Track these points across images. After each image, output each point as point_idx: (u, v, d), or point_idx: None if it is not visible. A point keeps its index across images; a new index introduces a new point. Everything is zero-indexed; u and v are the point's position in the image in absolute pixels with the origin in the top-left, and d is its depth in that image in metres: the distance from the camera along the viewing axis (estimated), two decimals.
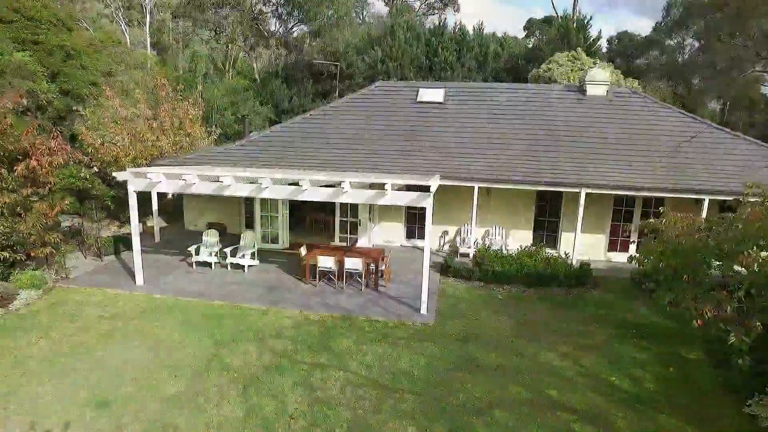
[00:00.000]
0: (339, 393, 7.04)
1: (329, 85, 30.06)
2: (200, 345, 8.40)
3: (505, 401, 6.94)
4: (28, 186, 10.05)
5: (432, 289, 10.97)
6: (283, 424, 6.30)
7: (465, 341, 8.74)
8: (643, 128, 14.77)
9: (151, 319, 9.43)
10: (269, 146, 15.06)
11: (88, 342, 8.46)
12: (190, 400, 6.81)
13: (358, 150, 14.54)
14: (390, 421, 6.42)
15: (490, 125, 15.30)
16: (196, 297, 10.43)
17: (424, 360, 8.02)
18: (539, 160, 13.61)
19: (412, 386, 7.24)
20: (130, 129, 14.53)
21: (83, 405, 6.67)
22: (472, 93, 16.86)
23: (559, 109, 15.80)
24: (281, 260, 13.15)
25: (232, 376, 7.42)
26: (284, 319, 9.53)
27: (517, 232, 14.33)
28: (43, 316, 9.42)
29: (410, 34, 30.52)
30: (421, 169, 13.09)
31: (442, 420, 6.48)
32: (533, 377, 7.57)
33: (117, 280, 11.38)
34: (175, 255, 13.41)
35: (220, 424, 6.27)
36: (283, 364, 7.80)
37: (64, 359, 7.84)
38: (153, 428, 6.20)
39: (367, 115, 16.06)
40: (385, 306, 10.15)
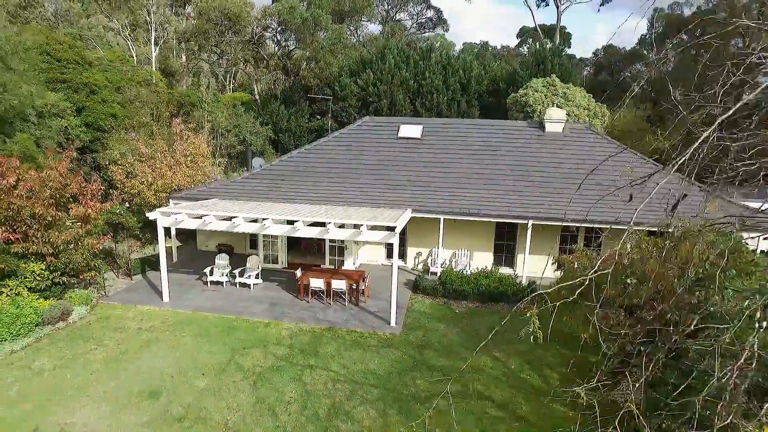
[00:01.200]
0: (323, 386, 9.81)
1: (325, 105, 32.76)
2: (219, 351, 11.17)
3: (443, 393, 9.69)
4: (81, 225, 12.79)
5: (403, 304, 13.76)
6: (282, 408, 9.06)
7: (421, 348, 11.50)
8: (592, 163, 17.48)
9: (179, 330, 12.20)
10: (270, 180, 17.79)
11: (133, 349, 11.23)
12: (214, 391, 9.58)
13: (346, 183, 17.28)
14: (358, 406, 9.18)
15: (458, 160, 18.04)
16: (212, 312, 13.19)
17: (388, 362, 10.79)
18: (498, 192, 16.35)
19: (376, 382, 10.01)
20: (151, 165, 17.28)
21: (139, 395, 9.43)
22: (446, 129, 19.61)
23: (520, 144, 18.55)
24: (281, 279, 15.92)
25: (244, 375, 10.19)
26: (283, 330, 12.30)
27: (480, 253, 17.07)
28: (95, 329, 12.19)
29: (400, 57, 33.21)
30: (398, 202, 15.83)
31: (395, 406, 9.23)
32: (468, 376, 10.31)
33: (147, 297, 14.15)
34: (191, 274, 16.17)
35: (238, 407, 9.04)
36: (282, 365, 10.56)
37: (118, 362, 10.60)
38: (190, 410, 8.96)
39: (355, 150, 18.81)
40: (363, 319, 12.92)
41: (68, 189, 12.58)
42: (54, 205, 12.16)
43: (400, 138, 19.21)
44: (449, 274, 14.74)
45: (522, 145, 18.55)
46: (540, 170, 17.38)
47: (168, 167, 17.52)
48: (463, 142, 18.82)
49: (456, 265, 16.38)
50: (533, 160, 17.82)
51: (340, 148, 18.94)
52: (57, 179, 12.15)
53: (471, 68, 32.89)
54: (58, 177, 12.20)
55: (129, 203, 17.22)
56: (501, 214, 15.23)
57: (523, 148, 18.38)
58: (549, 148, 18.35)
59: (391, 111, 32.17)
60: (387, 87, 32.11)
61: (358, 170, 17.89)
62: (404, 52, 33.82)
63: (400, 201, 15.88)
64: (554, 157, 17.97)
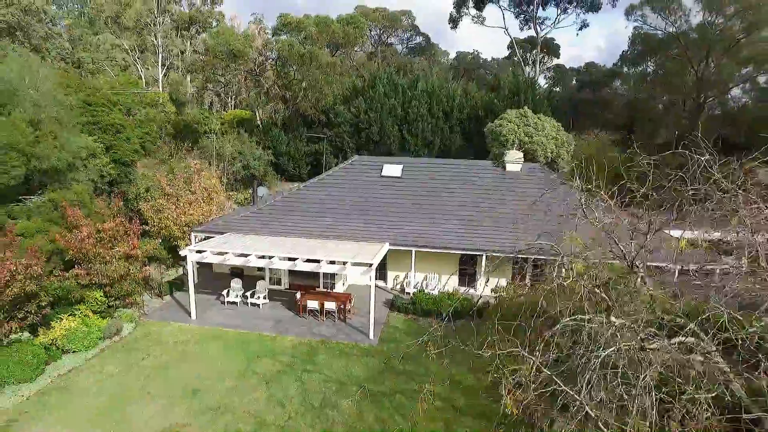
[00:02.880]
0: (317, 385, 13.72)
1: (321, 131, 36.61)
2: (238, 360, 15.07)
3: (404, 391, 13.60)
4: (128, 261, 16.68)
5: (381, 320, 17.68)
6: (287, 401, 12.97)
7: (391, 357, 15.41)
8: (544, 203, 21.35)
9: (206, 343, 16.10)
10: (274, 215, 21.61)
11: (173, 358, 15.13)
12: (237, 390, 13.48)
13: (337, 218, 21.15)
14: (342, 399, 13.09)
15: (432, 197, 21.94)
16: (230, 328, 17.10)
17: (365, 368, 14.71)
18: (461, 226, 20.24)
19: (356, 382, 13.92)
20: (175, 203, 21.12)
21: (183, 393, 13.34)
22: (422, 168, 23.51)
23: (484, 182, 22.44)
24: (284, 298, 19.84)
25: (258, 378, 14.09)
26: (287, 342, 16.21)
27: (448, 276, 20.98)
28: (142, 342, 16.09)
29: (389, 86, 37.06)
30: (379, 235, 19.71)
31: (369, 399, 13.15)
32: (423, 378, 14.21)
33: (177, 315, 18.06)
34: (210, 294, 20.08)
35: (255, 401, 12.95)
36: (287, 370, 14.48)
37: (164, 368, 14.50)
38: (222, 403, 12.86)
39: (344, 188, 22.69)
40: (348, 333, 16.84)
41: (119, 234, 16.45)
42: (110, 247, 16.05)
43: (383, 176, 23.10)
44: (419, 296, 18.66)
45: (486, 183, 22.44)
46: (500, 204, 21.26)
47: (189, 203, 21.38)
48: (437, 180, 22.71)
49: (427, 287, 20.31)
50: (495, 197, 21.70)
51: (332, 187, 22.82)
52: (113, 229, 16.03)
53: (454, 97, 36.77)
54: (113, 226, 16.09)
55: (158, 235, 21.07)
56: (461, 248, 19.15)
57: (486, 186, 22.27)
58: (509, 186, 22.27)
59: (380, 137, 36.05)
60: (377, 115, 35.99)
61: (347, 207, 21.76)
62: (393, 80, 37.69)
63: (380, 235, 19.76)
64: (513, 193, 21.86)
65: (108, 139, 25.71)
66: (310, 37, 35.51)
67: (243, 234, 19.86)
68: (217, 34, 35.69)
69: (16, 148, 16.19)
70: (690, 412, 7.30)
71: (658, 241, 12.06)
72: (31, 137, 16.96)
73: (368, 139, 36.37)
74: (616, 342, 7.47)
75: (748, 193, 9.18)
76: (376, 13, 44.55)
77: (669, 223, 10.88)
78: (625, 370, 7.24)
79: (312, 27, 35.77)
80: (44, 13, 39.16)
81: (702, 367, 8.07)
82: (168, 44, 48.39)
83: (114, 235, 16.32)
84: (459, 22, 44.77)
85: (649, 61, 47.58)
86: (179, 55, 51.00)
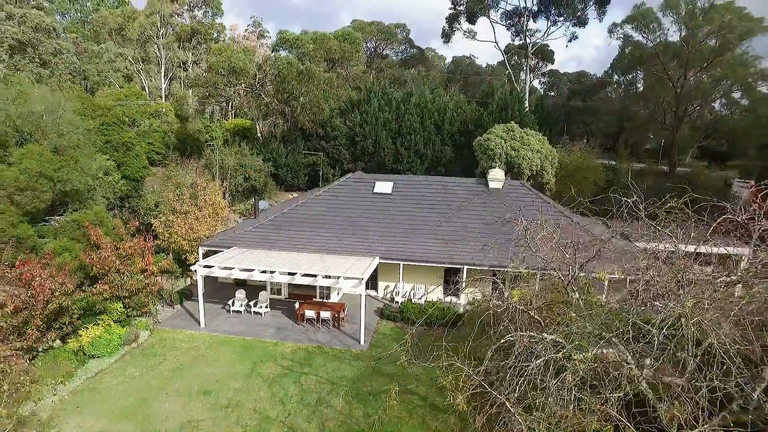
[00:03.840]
0: (313, 386, 15.88)
1: (317, 144, 38.73)
2: (244, 363, 17.22)
3: (388, 391, 15.74)
4: (146, 275, 18.82)
5: (371, 327, 19.83)
6: (287, 400, 15.13)
7: (379, 360, 17.55)
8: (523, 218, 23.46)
9: (215, 349, 18.26)
10: (274, 229, 23.73)
11: (187, 362, 17.28)
12: (244, 390, 15.64)
13: (333, 232, 23.28)
14: (335, 398, 15.24)
15: (420, 212, 24.08)
16: (236, 335, 19.25)
17: (356, 370, 16.87)
18: (445, 241, 22.37)
19: (346, 382, 16.07)
20: (184, 219, 23.24)
21: (197, 392, 15.49)
22: (412, 185, 25.65)
23: (469, 198, 24.56)
24: (283, 307, 21.99)
25: (262, 379, 16.24)
26: (286, 348, 18.36)
27: (434, 286, 23.13)
28: (158, 348, 18.24)
29: (383, 100, 39.16)
30: (370, 250, 21.82)
31: (358, 397, 15.30)
32: (404, 379, 16.36)
33: (188, 323, 20.21)
34: (216, 303, 22.22)
35: (260, 399, 15.10)
36: (287, 372, 16.63)
37: (179, 371, 16.65)
38: (232, 401, 15.01)
39: (339, 204, 24.83)
40: (342, 340, 19.00)
41: (136, 252, 18.59)
42: (129, 264, 18.19)
43: (375, 193, 25.23)
44: (406, 305, 20.81)
45: (470, 199, 24.57)
46: (482, 219, 23.38)
47: (196, 219, 23.50)
48: (425, 197, 24.85)
49: (414, 296, 22.47)
50: (478, 212, 23.82)
51: (327, 203, 24.96)
52: (132, 247, 18.18)
53: (445, 110, 38.87)
54: (132, 245, 18.23)
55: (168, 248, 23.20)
56: (445, 261, 21.29)
57: (470, 202, 24.39)
58: (490, 203, 24.39)
59: (375, 149, 38.15)
60: (372, 128, 38.09)
61: (341, 222, 23.90)
62: (387, 94, 39.79)
63: (372, 249, 21.88)
64: (494, 209, 23.97)
65: (119, 156, 27.82)
66: (308, 53, 37.59)
67: (246, 248, 21.99)
68: (220, 51, 37.76)
69: (45, 175, 18.32)
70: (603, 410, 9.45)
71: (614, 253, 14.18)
72: (56, 164, 19.08)
73: (363, 151, 38.48)
74: (546, 354, 9.62)
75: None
76: (371, 27, 46.60)
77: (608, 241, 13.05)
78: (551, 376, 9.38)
79: (310, 44, 37.84)
80: (53, 30, 41.17)
81: (617, 372, 10.21)
82: (171, 56, 50.46)
83: (132, 252, 18.46)
84: (452, 36, 46.80)
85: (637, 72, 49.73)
86: (182, 65, 53.12)
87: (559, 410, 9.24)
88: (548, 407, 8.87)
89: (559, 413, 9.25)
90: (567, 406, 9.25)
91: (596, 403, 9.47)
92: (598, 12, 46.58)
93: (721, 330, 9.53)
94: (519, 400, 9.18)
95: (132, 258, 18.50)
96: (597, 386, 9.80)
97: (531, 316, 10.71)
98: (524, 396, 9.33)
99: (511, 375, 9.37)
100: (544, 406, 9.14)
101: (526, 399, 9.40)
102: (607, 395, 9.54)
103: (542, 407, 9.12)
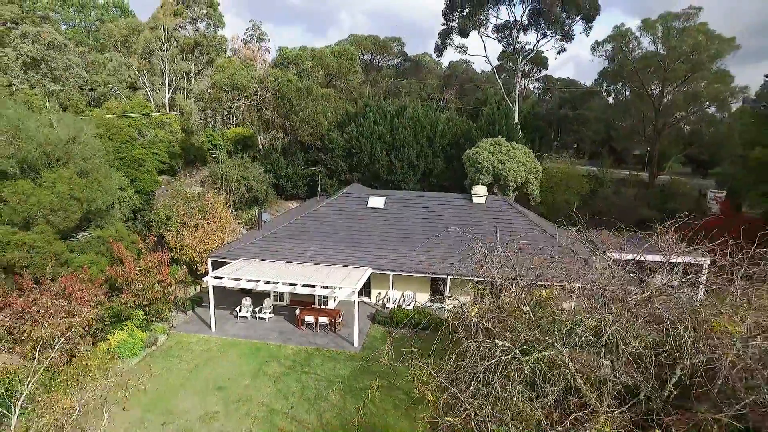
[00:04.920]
0: (312, 383, 18.52)
1: (316, 156, 41.34)
2: (251, 364, 19.84)
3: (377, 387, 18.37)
4: (161, 286, 21.42)
5: (364, 331, 22.46)
6: (290, 395, 17.76)
7: (370, 360, 20.18)
8: (503, 228, 26.12)
9: (225, 351, 20.88)
10: (277, 241, 26.32)
11: (201, 363, 19.90)
12: (253, 386, 18.27)
13: (329, 244, 25.88)
14: (330, 392, 17.88)
15: (409, 226, 26.69)
16: (243, 338, 21.86)
17: (349, 369, 19.50)
18: (433, 252, 24.98)
19: (341, 380, 18.71)
20: (194, 233, 25.84)
21: (212, 388, 18.12)
22: (402, 200, 28.25)
23: (454, 213, 27.17)
24: (285, 313, 24.62)
25: (268, 377, 18.87)
26: (288, 350, 21.00)
27: (421, 293, 25.75)
28: (175, 350, 20.86)
29: (378, 114, 41.74)
30: (363, 261, 24.41)
31: (350, 392, 17.94)
32: (390, 377, 18.97)
33: (200, 327, 22.83)
34: (224, 309, 24.83)
35: (266, 394, 17.74)
36: (289, 372, 19.26)
37: (195, 370, 19.27)
38: (243, 396, 17.64)
39: (336, 218, 27.43)
40: (338, 342, 21.63)
41: (155, 265, 21.22)
42: (149, 276, 20.82)
43: (368, 208, 27.84)
44: (396, 311, 23.43)
45: (455, 213, 27.19)
46: (465, 233, 25.95)
47: (205, 233, 26.11)
48: (414, 211, 27.46)
49: (404, 302, 25.09)
50: (463, 225, 26.40)
51: (325, 217, 27.56)
52: (151, 261, 20.80)
53: (436, 124, 41.48)
54: (151, 260, 20.86)
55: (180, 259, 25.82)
56: (431, 271, 23.92)
57: (455, 216, 27.02)
58: (474, 216, 27.01)
59: (370, 160, 40.75)
60: (367, 141, 40.69)
61: (337, 235, 26.51)
62: (382, 108, 42.37)
63: (365, 260, 24.49)
64: (477, 223, 26.60)
65: (132, 172, 30.42)
66: (307, 70, 40.17)
67: (252, 259, 24.59)
68: (223, 67, 40.32)
69: (74, 197, 20.90)
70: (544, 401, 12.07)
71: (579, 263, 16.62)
72: (83, 186, 21.66)
73: (359, 163, 41.08)
74: (497, 357, 12.24)
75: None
76: (367, 41, 49.08)
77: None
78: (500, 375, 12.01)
79: (308, 61, 40.41)
80: (65, 45, 43.67)
81: (559, 370, 12.83)
82: (174, 68, 52.97)
83: (151, 266, 21.07)
84: (444, 51, 49.32)
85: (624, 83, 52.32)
86: (185, 77, 55.64)
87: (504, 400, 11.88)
88: (492, 396, 11.49)
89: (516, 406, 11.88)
90: (510, 398, 11.87)
91: (535, 395, 12.10)
92: (585, 27, 49.21)
93: (637, 336, 12.20)
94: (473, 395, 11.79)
95: (151, 271, 21.11)
96: (537, 382, 12.43)
97: (485, 326, 13.32)
98: (477, 390, 11.96)
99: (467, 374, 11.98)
100: (495, 399, 11.77)
101: (479, 392, 12.03)
102: (546, 389, 12.17)
103: (493, 401, 11.74)
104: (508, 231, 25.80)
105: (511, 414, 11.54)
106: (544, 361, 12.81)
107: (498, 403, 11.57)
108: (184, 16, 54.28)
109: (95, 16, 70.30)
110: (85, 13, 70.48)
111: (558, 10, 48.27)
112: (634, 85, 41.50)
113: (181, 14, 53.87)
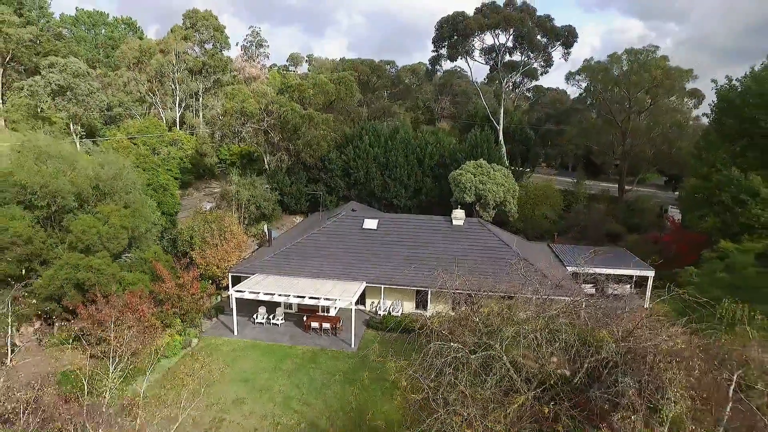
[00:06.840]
0: (318, 376, 23.96)
1: (317, 175, 46.69)
2: (269, 362, 25.26)
3: (370, 378, 23.81)
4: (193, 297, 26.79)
5: (360, 334, 27.92)
6: (302, 386, 23.21)
7: (364, 358, 25.58)
8: (479, 247, 31.53)
9: (247, 351, 26.30)
10: (287, 258, 31.65)
11: (228, 360, 25.31)
12: (272, 378, 23.70)
13: (330, 261, 31.26)
14: (333, 384, 23.33)
15: (398, 245, 32.09)
16: (261, 340, 27.27)
17: (348, 365, 24.95)
18: (418, 267, 30.39)
19: (340, 374, 24.14)
20: (216, 252, 31.18)
21: (239, 380, 23.56)
22: (393, 222, 33.66)
23: (436, 233, 32.60)
24: (294, 319, 30.06)
25: (283, 372, 24.29)
26: (298, 350, 26.43)
27: (408, 302, 31.17)
28: (205, 351, 26.27)
29: (373, 137, 47.08)
30: (360, 275, 29.80)
31: (348, 383, 23.38)
32: (380, 372, 24.34)
33: (225, 332, 28.24)
34: (243, 316, 30.24)
35: (282, 385, 23.18)
36: (300, 368, 24.69)
37: (223, 367, 24.67)
38: (264, 386, 23.08)
39: (335, 238, 32.82)
40: (338, 344, 27.06)
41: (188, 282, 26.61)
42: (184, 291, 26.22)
43: (363, 229, 33.24)
44: (387, 318, 28.85)
45: (437, 234, 32.61)
46: (446, 251, 31.39)
47: (225, 251, 31.48)
48: (403, 232, 32.86)
49: (393, 310, 30.52)
50: (443, 245, 31.83)
51: (327, 237, 32.94)
52: (187, 279, 26.20)
53: (426, 147, 46.85)
54: (187, 278, 26.25)
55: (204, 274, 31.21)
56: (416, 284, 29.33)
57: (437, 236, 32.44)
58: (453, 237, 32.43)
59: (366, 179, 46.12)
60: (363, 161, 46.08)
61: (337, 253, 31.90)
62: (377, 131, 47.73)
63: (361, 275, 29.89)
64: (456, 242, 32.01)
65: (158, 197, 35.78)
66: (308, 97, 45.51)
67: (266, 274, 29.97)
68: (233, 95, 45.59)
69: (123, 227, 26.24)
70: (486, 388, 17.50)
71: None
72: (129, 216, 27.01)
73: (356, 181, 46.48)
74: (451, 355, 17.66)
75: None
76: (363, 66, 54.24)
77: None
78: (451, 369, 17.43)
79: (310, 89, 45.71)
80: (88, 73, 48.81)
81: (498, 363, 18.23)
82: (184, 88, 58.18)
83: (185, 283, 26.46)
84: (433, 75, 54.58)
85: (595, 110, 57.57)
86: (194, 96, 60.87)
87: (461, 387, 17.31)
88: (446, 382, 16.91)
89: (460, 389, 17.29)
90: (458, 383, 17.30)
91: (478, 383, 17.54)
92: (564, 53, 54.54)
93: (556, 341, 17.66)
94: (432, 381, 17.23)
95: (186, 286, 26.50)
96: (481, 374, 17.85)
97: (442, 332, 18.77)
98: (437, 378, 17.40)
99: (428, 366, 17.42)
100: (447, 384, 17.18)
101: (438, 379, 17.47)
102: (485, 378, 17.61)
103: (446, 385, 17.15)
104: (481, 247, 31.27)
105: (456, 394, 16.96)
106: (485, 357, 18.26)
107: (449, 387, 16.99)
108: (193, 39, 59.42)
109: (106, 34, 75.37)
110: (96, 30, 75.57)
111: (539, 38, 53.68)
112: (603, 112, 46.90)
113: (190, 38, 59.02)
